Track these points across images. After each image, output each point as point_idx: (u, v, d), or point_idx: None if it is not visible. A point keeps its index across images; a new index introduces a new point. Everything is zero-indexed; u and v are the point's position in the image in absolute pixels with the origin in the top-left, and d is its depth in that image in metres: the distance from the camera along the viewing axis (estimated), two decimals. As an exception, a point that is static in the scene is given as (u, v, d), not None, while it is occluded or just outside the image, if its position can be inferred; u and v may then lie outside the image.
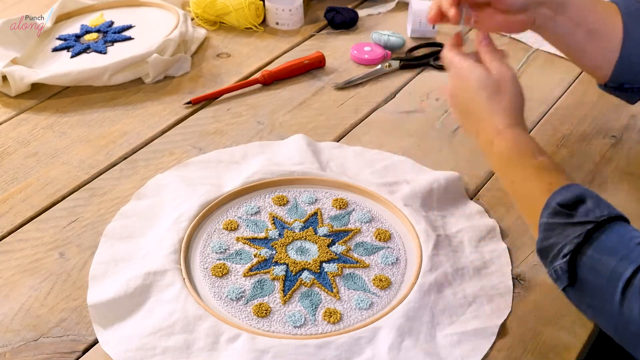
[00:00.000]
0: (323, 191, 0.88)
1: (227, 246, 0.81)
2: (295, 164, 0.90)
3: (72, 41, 1.19)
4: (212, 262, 0.79)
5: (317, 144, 0.95)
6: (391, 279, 0.77)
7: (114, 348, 0.70)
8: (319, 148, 0.94)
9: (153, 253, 0.78)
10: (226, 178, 0.89)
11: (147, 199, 0.87)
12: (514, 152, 0.74)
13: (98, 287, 0.76)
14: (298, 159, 0.91)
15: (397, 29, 1.24)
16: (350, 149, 0.95)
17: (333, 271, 0.77)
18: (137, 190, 0.89)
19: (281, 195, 0.87)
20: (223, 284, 0.76)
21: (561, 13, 0.83)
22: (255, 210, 0.85)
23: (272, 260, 0.79)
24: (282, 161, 0.91)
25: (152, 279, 0.75)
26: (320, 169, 0.90)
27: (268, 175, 0.88)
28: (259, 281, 0.76)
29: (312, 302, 0.74)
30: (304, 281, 0.76)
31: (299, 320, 0.72)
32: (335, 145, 0.96)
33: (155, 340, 0.70)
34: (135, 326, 0.72)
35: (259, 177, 0.88)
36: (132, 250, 0.80)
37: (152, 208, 0.86)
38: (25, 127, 1.03)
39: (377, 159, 0.93)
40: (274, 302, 0.74)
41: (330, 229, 0.83)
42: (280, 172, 0.89)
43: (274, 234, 0.82)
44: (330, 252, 0.80)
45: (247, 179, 0.88)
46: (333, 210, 0.85)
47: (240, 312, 0.73)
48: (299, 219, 0.84)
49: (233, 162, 0.92)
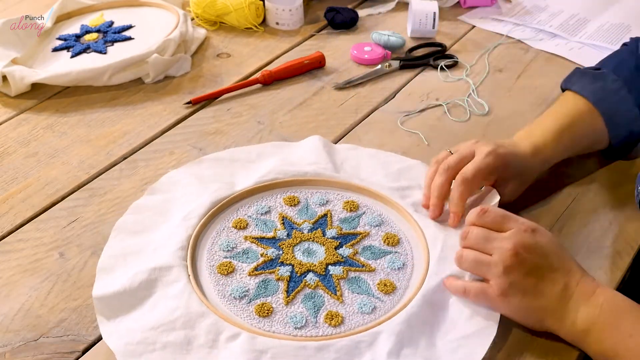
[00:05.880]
0: (335, 193, 0.87)
1: (234, 244, 0.80)
2: (309, 164, 0.90)
3: (72, 41, 1.19)
4: (218, 260, 0.79)
5: (333, 145, 0.95)
6: (396, 284, 0.76)
7: (116, 341, 0.70)
8: (334, 149, 0.94)
9: (161, 249, 0.78)
10: (239, 177, 0.89)
11: (160, 194, 0.87)
12: (627, 303, 0.69)
13: (105, 280, 0.75)
14: (312, 159, 0.91)
15: (397, 29, 1.24)
16: (366, 150, 0.95)
17: (338, 274, 0.77)
18: (150, 185, 0.89)
19: (293, 196, 0.87)
20: (228, 282, 0.76)
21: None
22: (265, 210, 0.85)
23: (278, 261, 0.78)
24: (296, 161, 0.91)
25: (158, 274, 0.75)
26: (334, 170, 0.89)
27: (281, 175, 0.88)
28: (263, 281, 0.76)
29: (315, 304, 0.74)
30: (308, 283, 0.76)
31: (300, 321, 0.72)
32: (351, 146, 0.95)
33: (156, 335, 0.70)
34: (138, 320, 0.71)
35: (272, 177, 0.88)
36: (142, 245, 0.80)
37: (164, 204, 0.86)
38: (25, 127, 1.03)
39: (392, 162, 0.92)
40: (277, 302, 0.74)
41: (339, 232, 0.82)
42: (293, 172, 0.89)
43: (282, 234, 0.82)
44: (336, 255, 0.79)
45: (259, 178, 0.88)
46: (343, 213, 0.85)
47: (242, 311, 0.73)
48: (309, 220, 0.84)
49: (248, 161, 0.92)
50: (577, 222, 0.86)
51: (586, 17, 1.30)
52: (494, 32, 1.25)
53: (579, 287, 0.69)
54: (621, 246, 0.82)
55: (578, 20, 1.29)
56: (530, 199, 0.88)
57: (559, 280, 0.69)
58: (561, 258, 0.71)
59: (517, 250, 0.69)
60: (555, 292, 0.69)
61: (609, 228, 0.85)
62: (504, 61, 1.17)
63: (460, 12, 1.32)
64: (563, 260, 0.71)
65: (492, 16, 1.30)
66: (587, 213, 0.87)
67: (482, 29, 1.27)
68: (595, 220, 0.86)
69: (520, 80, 1.12)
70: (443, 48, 1.20)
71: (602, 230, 0.84)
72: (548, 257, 0.70)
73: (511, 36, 1.24)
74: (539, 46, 1.21)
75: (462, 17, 1.30)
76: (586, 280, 0.70)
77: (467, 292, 0.72)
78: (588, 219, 0.86)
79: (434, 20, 1.21)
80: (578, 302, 0.69)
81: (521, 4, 1.34)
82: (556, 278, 0.69)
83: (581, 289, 0.69)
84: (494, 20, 1.29)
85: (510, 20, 1.28)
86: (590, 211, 0.87)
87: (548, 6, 1.34)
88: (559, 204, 0.88)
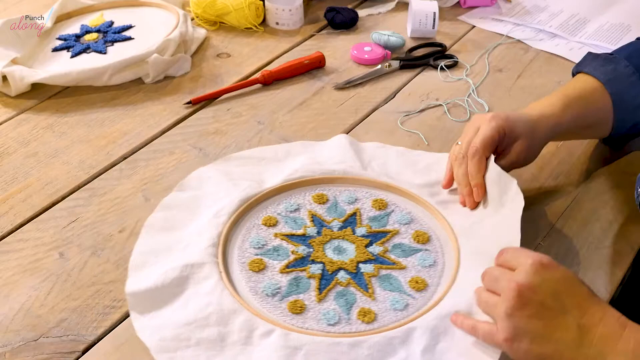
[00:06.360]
0: (363, 191, 0.88)
1: (265, 242, 0.81)
2: (337, 163, 0.90)
3: (72, 41, 1.19)
4: (249, 257, 0.79)
5: (359, 143, 0.95)
6: (428, 281, 0.76)
7: (150, 336, 0.70)
8: (361, 148, 0.94)
9: (192, 245, 0.79)
10: (267, 175, 0.89)
11: (190, 191, 0.87)
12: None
13: (137, 277, 0.76)
14: (340, 158, 0.91)
15: (397, 29, 1.24)
16: (393, 148, 0.95)
17: (369, 272, 0.77)
18: (179, 181, 0.89)
19: (321, 194, 0.87)
20: (259, 279, 0.76)
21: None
22: (294, 207, 0.85)
23: (309, 259, 0.79)
24: (323, 160, 0.91)
25: (190, 271, 0.75)
26: (362, 169, 0.90)
27: (309, 173, 0.89)
28: (295, 278, 0.76)
29: (347, 301, 0.74)
30: (339, 280, 0.76)
31: (333, 318, 0.72)
32: (378, 145, 0.95)
33: (189, 332, 0.70)
34: (171, 316, 0.72)
35: (299, 175, 0.88)
36: (173, 242, 0.80)
37: (194, 200, 0.86)
38: (25, 127, 1.03)
39: (420, 159, 0.93)
40: (309, 299, 0.74)
41: (368, 230, 0.82)
42: (321, 171, 0.89)
43: (312, 232, 0.82)
44: (367, 253, 0.79)
45: (288, 176, 0.88)
46: (372, 211, 0.85)
47: (275, 308, 0.73)
48: (338, 218, 0.84)
49: (276, 159, 0.93)
50: (577, 222, 0.86)
51: (586, 17, 1.30)
52: (494, 32, 1.25)
53: (601, 331, 0.60)
54: (621, 246, 0.82)
55: (578, 20, 1.29)
56: (530, 199, 0.88)
57: (571, 323, 0.61)
58: (575, 296, 0.62)
59: (520, 291, 0.62)
60: (569, 337, 0.61)
61: (609, 228, 0.85)
62: (504, 61, 1.17)
63: (460, 12, 1.32)
64: (578, 299, 0.62)
65: (492, 16, 1.30)
66: (587, 213, 0.87)
67: (482, 29, 1.27)
68: (595, 220, 0.86)
69: (520, 80, 1.12)
70: (443, 48, 1.20)
71: (602, 230, 0.84)
72: (558, 297, 0.62)
73: (511, 36, 1.24)
74: (539, 46, 1.21)
75: (462, 17, 1.30)
76: (609, 321, 0.61)
77: (475, 331, 0.67)
78: (588, 219, 0.86)
79: (434, 20, 1.21)
80: (602, 349, 0.60)
81: (521, 4, 1.34)
82: (568, 321, 0.61)
83: (604, 332, 0.60)
84: (494, 20, 1.29)
85: (510, 20, 1.28)
86: (590, 211, 0.87)
87: (548, 6, 1.34)
88: (559, 204, 0.88)
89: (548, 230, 0.84)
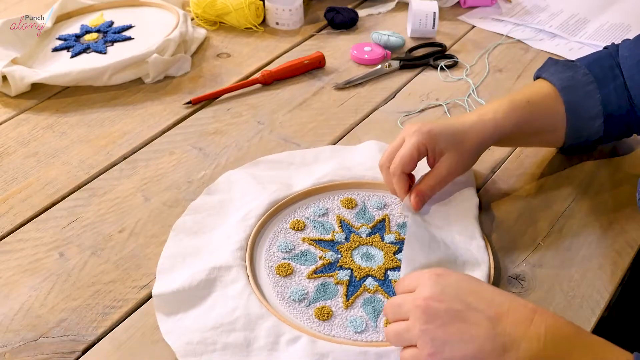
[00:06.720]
0: (392, 197, 0.87)
1: (292, 246, 0.80)
2: (367, 169, 0.90)
3: (72, 41, 1.19)
4: (277, 261, 0.78)
5: None
6: None
7: (176, 340, 0.70)
8: None
9: (220, 248, 0.79)
10: (296, 178, 0.89)
11: (218, 195, 0.87)
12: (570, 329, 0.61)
13: (164, 280, 0.76)
14: (370, 164, 0.90)
15: (397, 29, 1.24)
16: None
17: (398, 279, 0.76)
18: (207, 185, 0.89)
19: (350, 198, 0.86)
20: (286, 284, 0.76)
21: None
22: (323, 212, 0.85)
23: (337, 264, 0.78)
24: (353, 166, 0.91)
25: (217, 274, 0.75)
26: None
27: (338, 178, 0.88)
28: (322, 284, 0.76)
29: (375, 309, 0.73)
30: (367, 287, 0.76)
31: (360, 325, 0.72)
32: None
33: (216, 336, 0.70)
34: (197, 319, 0.71)
35: (329, 179, 0.88)
36: (201, 245, 0.80)
37: (222, 204, 0.86)
38: (25, 127, 1.03)
39: None
40: (336, 306, 0.74)
41: (397, 237, 0.82)
42: (350, 176, 0.88)
43: (340, 237, 0.81)
44: (395, 260, 0.79)
45: (317, 180, 0.87)
46: (401, 218, 0.84)
47: (302, 314, 0.73)
48: (367, 224, 0.83)
49: (304, 164, 0.92)
50: (577, 222, 0.86)
51: (586, 17, 1.30)
52: (494, 32, 1.25)
53: (512, 318, 0.61)
54: (621, 246, 0.82)
55: (578, 20, 1.29)
56: (530, 198, 0.88)
57: (481, 318, 0.61)
58: (478, 293, 0.63)
59: (427, 304, 0.62)
60: (483, 331, 0.60)
61: (609, 228, 0.85)
62: (504, 61, 1.17)
63: (460, 12, 1.32)
64: (481, 294, 0.63)
65: (492, 16, 1.30)
66: (587, 213, 0.87)
67: (482, 29, 1.27)
68: (595, 220, 0.86)
69: (520, 80, 1.12)
70: (443, 48, 1.20)
71: (602, 230, 0.84)
72: (462, 298, 0.62)
73: (511, 36, 1.24)
74: (539, 46, 1.21)
75: (462, 17, 1.30)
76: (517, 307, 0.61)
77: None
78: (588, 219, 0.86)
79: (434, 20, 1.21)
80: (514, 335, 0.60)
81: (521, 4, 1.34)
82: (478, 316, 0.61)
83: (514, 318, 0.61)
84: (494, 20, 1.29)
85: (510, 20, 1.28)
86: (590, 211, 0.87)
87: (548, 6, 1.34)
88: (559, 204, 0.88)
89: (548, 230, 0.84)
